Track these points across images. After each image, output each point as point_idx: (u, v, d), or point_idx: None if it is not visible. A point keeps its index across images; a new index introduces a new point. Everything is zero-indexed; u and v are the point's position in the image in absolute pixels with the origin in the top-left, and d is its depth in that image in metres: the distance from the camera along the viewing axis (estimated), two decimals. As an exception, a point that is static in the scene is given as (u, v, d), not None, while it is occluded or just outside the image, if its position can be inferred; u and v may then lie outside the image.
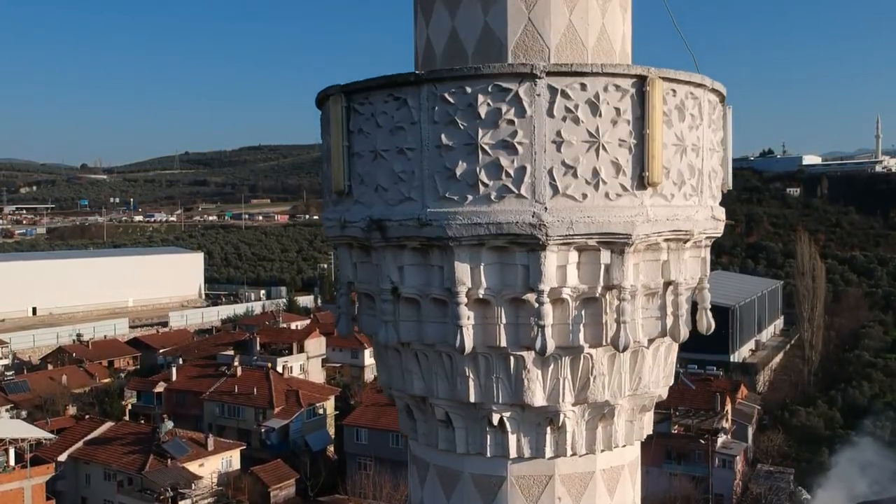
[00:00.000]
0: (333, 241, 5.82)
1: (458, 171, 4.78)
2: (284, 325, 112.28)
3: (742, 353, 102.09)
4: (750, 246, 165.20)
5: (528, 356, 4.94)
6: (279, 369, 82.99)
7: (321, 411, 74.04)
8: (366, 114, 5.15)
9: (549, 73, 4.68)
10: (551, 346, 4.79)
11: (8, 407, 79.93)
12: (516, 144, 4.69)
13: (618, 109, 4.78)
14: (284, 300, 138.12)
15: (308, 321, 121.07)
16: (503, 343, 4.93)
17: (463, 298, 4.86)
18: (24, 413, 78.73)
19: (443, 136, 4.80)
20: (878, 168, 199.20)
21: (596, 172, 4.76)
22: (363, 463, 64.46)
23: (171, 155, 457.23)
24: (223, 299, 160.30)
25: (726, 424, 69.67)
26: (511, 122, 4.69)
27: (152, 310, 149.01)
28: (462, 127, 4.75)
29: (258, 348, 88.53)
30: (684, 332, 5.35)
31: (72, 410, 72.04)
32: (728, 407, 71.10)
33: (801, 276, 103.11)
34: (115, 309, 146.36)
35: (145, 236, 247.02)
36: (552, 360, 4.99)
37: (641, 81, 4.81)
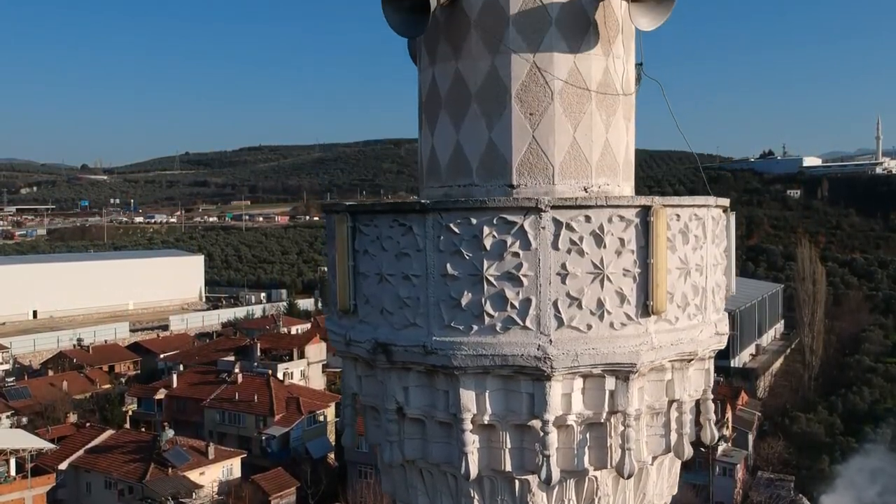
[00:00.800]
0: (338, 353, 5.84)
1: (464, 301, 4.80)
2: (285, 330, 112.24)
3: (743, 358, 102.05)
4: (750, 248, 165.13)
5: (533, 480, 4.98)
6: (280, 376, 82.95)
7: (322, 418, 74.07)
8: (371, 235, 5.18)
9: (553, 207, 4.70)
10: (556, 475, 4.83)
11: (9, 413, 79.98)
12: (521, 277, 4.72)
13: (622, 240, 4.80)
14: (285, 303, 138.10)
15: (308, 325, 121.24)
16: (508, 467, 4.97)
17: (468, 425, 4.89)
18: (24, 420, 78.89)
19: (448, 265, 4.83)
20: (879, 170, 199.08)
21: (601, 303, 4.79)
22: (364, 471, 64.42)
23: (172, 155, 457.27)
24: (223, 302, 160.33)
25: (727, 432, 69.72)
26: (516, 254, 4.72)
27: (153, 313, 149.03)
28: (467, 257, 4.78)
29: (259, 354, 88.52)
30: (688, 451, 5.39)
31: (72, 418, 72.01)
32: (729, 415, 71.15)
33: (802, 281, 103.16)
34: (115, 312, 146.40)
35: (146, 238, 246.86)
36: (557, 483, 5.02)
37: (645, 211, 4.84)
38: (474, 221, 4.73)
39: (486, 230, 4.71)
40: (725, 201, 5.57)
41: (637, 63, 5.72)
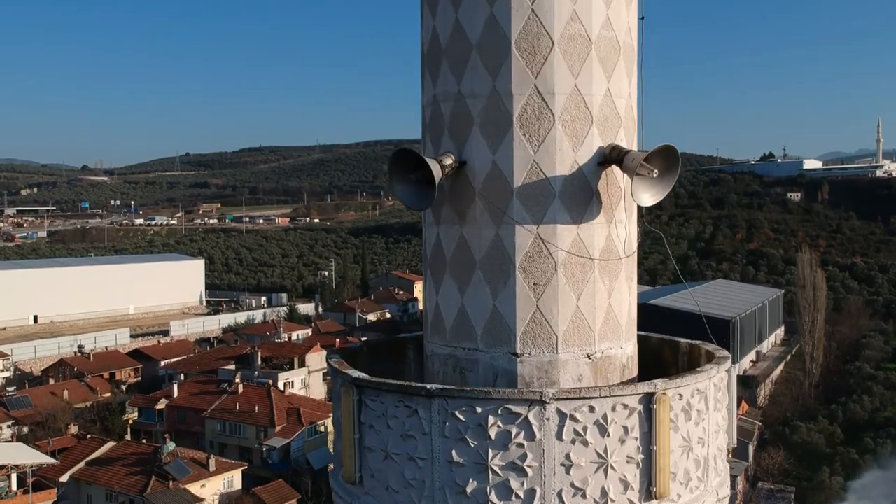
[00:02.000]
0: None
1: (469, 489, 4.86)
2: (285, 336, 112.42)
3: (743, 365, 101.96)
4: (751, 252, 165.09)
5: None
6: (280, 385, 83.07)
7: (322, 429, 74.10)
8: (377, 411, 5.23)
9: (557, 399, 4.75)
10: None
11: (9, 423, 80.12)
12: (526, 468, 4.77)
13: (626, 428, 4.85)
14: (285, 309, 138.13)
15: (309, 331, 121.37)
16: None
17: None
18: (25, 429, 79.04)
19: (454, 452, 4.88)
20: (879, 172, 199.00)
21: (604, 492, 4.84)
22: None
23: (172, 156, 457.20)
24: (224, 306, 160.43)
25: (727, 444, 69.74)
26: (521, 445, 4.77)
27: (154, 317, 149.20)
28: (472, 445, 4.84)
29: (259, 363, 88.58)
30: None
31: (73, 429, 72.04)
32: (729, 426, 71.16)
33: (802, 288, 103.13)
34: (116, 317, 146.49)
35: (146, 240, 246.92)
36: None
37: (649, 398, 4.88)
38: (479, 410, 4.79)
39: (490, 419, 4.76)
40: (727, 360, 5.61)
41: (640, 219, 5.77)
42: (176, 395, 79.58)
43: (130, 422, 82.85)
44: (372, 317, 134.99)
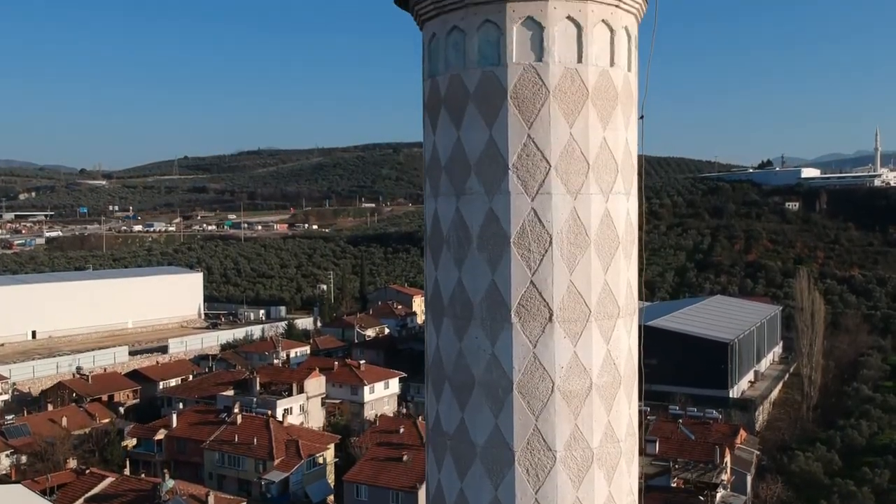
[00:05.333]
0: None
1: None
2: (284, 354, 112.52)
3: (741, 387, 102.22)
4: (749, 265, 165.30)
5: None
6: (279, 412, 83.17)
7: (321, 460, 74.26)
8: None
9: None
10: None
11: (8, 452, 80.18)
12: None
13: None
14: (284, 324, 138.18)
15: (307, 348, 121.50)
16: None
17: None
18: (23, 458, 79.12)
19: None
20: (877, 182, 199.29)
21: None
22: (363, 517, 64.77)
23: (171, 159, 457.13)
24: (223, 319, 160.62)
25: (725, 477, 69.88)
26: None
27: (152, 331, 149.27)
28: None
29: (258, 388, 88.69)
30: None
31: (72, 463, 72.02)
32: (728, 458, 71.30)
33: (801, 311, 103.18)
34: (114, 331, 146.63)
35: (144, 247, 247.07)
36: None
37: None
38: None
39: None
40: None
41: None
42: (175, 424, 79.63)
43: (129, 447, 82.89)
44: (370, 332, 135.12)
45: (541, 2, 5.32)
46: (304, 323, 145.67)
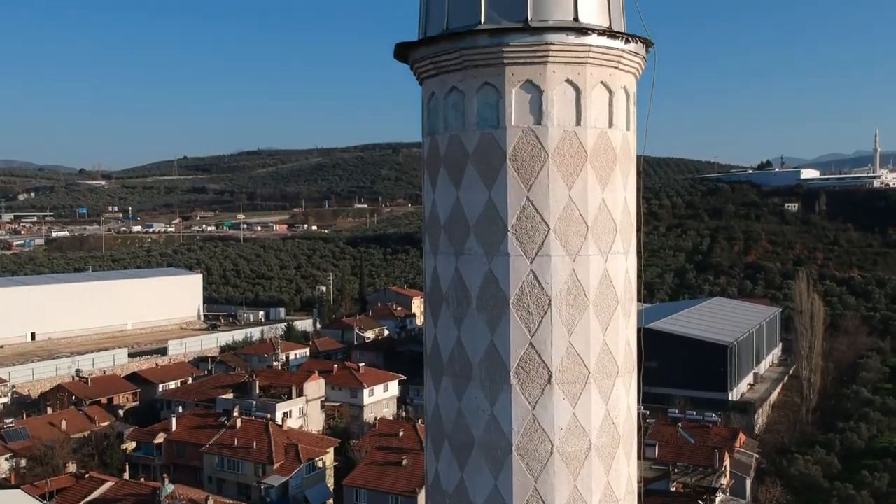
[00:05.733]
0: None
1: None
2: (283, 356, 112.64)
3: (741, 389, 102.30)
4: (748, 266, 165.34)
5: None
6: (279, 416, 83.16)
7: (320, 464, 74.25)
8: None
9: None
10: None
11: (7, 456, 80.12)
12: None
13: None
14: (283, 326, 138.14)
15: (307, 350, 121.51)
16: None
17: None
18: (23, 462, 79.09)
19: None
20: (877, 183, 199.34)
21: None
22: (363, 522, 64.77)
23: (170, 159, 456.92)
24: (222, 321, 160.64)
25: (724, 481, 69.87)
26: None
27: (151, 333, 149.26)
28: None
29: (258, 391, 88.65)
30: None
31: (71, 467, 71.96)
32: (727, 462, 71.31)
33: (800, 314, 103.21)
34: (114, 333, 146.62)
35: (144, 248, 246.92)
36: None
37: None
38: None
39: None
40: None
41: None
42: (174, 428, 79.59)
43: (129, 451, 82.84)
44: (370, 334, 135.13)
45: (539, 66, 5.34)
46: (304, 325, 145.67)
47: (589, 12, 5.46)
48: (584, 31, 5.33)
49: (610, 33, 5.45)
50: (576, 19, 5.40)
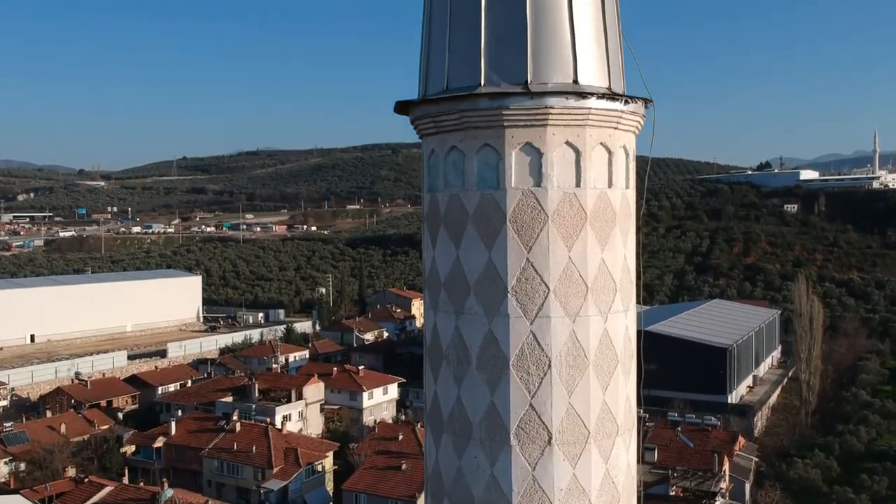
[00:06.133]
0: None
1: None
2: (283, 359, 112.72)
3: (740, 392, 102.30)
4: (748, 268, 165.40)
5: None
6: (278, 419, 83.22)
7: (320, 468, 74.29)
8: None
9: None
10: None
11: (7, 460, 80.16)
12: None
13: None
14: (282, 328, 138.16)
15: (306, 352, 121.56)
16: None
17: None
18: (22, 465, 79.13)
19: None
20: (876, 184, 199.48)
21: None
22: (362, 526, 64.80)
23: (169, 160, 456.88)
24: (221, 323, 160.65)
25: (724, 485, 69.93)
26: None
27: (151, 335, 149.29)
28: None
29: (257, 395, 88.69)
30: None
31: (71, 472, 71.97)
32: (726, 466, 71.37)
33: (799, 317, 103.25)
34: (113, 335, 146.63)
35: (143, 249, 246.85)
36: None
37: None
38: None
39: None
40: None
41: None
42: (174, 432, 79.65)
43: (128, 454, 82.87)
44: (369, 336, 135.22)
45: (539, 128, 5.36)
46: (303, 326, 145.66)
47: (588, 73, 5.47)
48: (583, 94, 5.35)
49: (609, 96, 5.47)
50: (575, 81, 5.42)
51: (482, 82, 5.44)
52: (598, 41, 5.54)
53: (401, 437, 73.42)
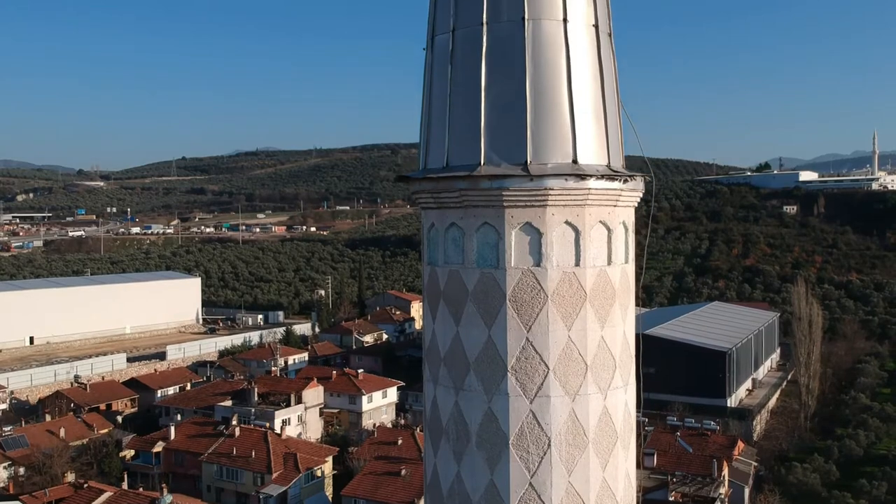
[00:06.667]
0: None
1: None
2: (282, 361, 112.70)
3: (739, 395, 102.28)
4: (747, 269, 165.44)
5: None
6: (277, 424, 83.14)
7: (319, 473, 74.26)
8: None
9: None
10: None
11: (6, 465, 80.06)
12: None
13: None
14: (282, 330, 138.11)
15: (305, 354, 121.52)
16: None
17: None
18: (21, 470, 79.02)
19: None
20: (875, 186, 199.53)
21: None
22: (361, 533, 64.77)
23: (169, 160, 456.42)
24: (220, 325, 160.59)
25: (723, 490, 69.93)
26: None
27: (150, 337, 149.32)
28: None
29: (256, 399, 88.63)
30: None
31: (70, 477, 71.89)
32: (725, 471, 71.36)
33: (799, 320, 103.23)
34: (112, 337, 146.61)
35: (142, 251, 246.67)
36: None
37: None
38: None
39: None
40: None
41: None
42: (173, 436, 79.56)
43: (127, 459, 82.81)
44: (369, 338, 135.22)
45: (539, 208, 5.36)
46: (303, 329, 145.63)
47: (588, 152, 5.48)
48: (583, 176, 5.35)
49: (609, 176, 5.48)
50: (575, 161, 5.42)
51: (482, 161, 5.44)
52: (598, 118, 5.55)
53: (400, 442, 73.42)
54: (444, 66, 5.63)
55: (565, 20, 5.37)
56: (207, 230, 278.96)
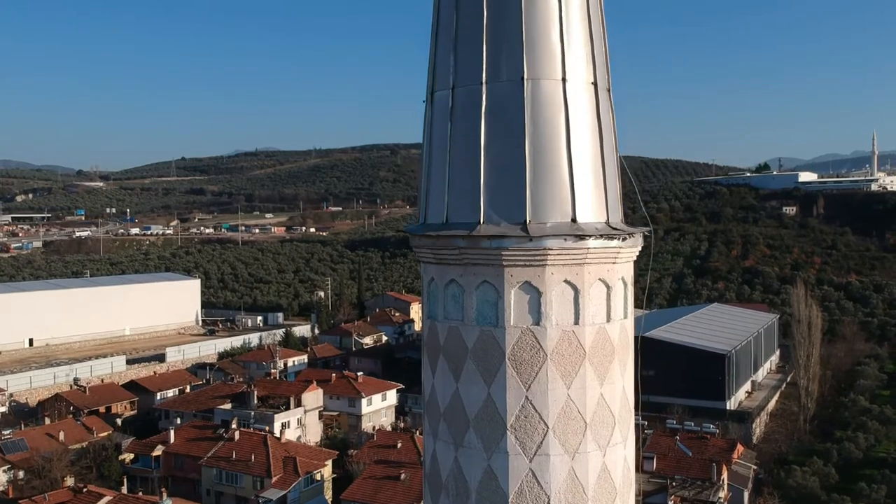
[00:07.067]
0: None
1: None
2: (282, 364, 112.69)
3: (738, 398, 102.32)
4: (746, 270, 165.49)
5: None
6: (277, 427, 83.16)
7: (319, 477, 74.26)
8: None
9: None
10: None
11: (6, 468, 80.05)
12: None
13: None
14: (281, 332, 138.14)
15: (305, 356, 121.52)
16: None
17: None
18: (20, 473, 79.01)
19: None
20: (874, 187, 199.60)
21: None
22: (361, 537, 64.75)
23: (168, 161, 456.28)
24: (220, 326, 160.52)
25: (722, 494, 69.99)
26: None
27: (150, 338, 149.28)
28: None
29: (255, 402, 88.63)
30: None
31: (69, 481, 71.89)
32: (724, 475, 71.39)
33: (798, 323, 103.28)
34: (112, 339, 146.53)
35: (142, 251, 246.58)
36: None
37: None
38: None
39: None
40: None
41: None
42: (172, 440, 79.56)
43: (127, 462, 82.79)
44: (368, 340, 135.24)
45: (538, 268, 5.37)
46: (302, 330, 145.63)
47: (586, 210, 5.49)
48: (582, 236, 5.36)
49: (608, 234, 5.48)
50: (574, 220, 5.43)
51: (482, 220, 5.45)
52: (597, 175, 5.56)
53: (399, 445, 73.40)
54: (444, 123, 5.64)
55: (564, 79, 5.38)
56: (207, 231, 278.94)
